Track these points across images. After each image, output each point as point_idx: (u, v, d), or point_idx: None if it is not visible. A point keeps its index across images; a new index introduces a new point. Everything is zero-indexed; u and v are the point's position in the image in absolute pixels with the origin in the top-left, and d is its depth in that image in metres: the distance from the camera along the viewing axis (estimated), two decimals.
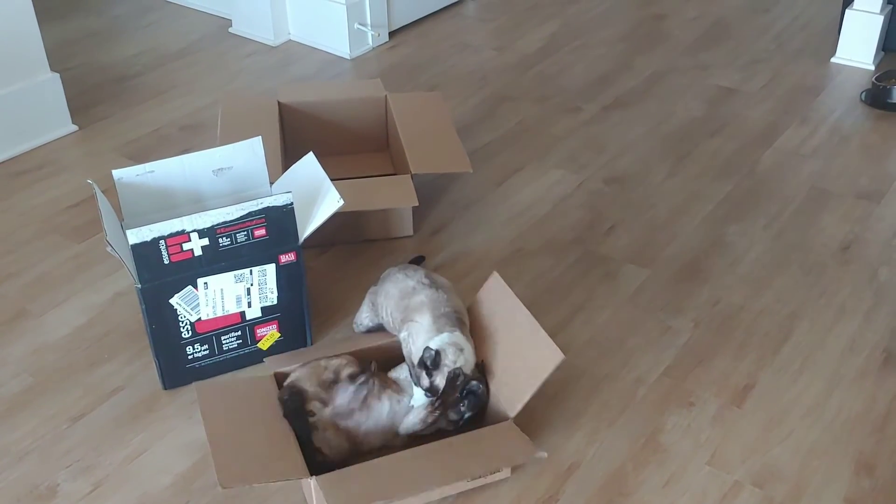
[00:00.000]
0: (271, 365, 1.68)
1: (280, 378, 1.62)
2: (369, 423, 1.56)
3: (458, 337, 1.57)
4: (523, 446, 1.50)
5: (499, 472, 1.52)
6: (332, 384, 1.57)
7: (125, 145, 2.58)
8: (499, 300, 1.68)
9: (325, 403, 1.55)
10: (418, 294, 1.65)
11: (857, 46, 2.95)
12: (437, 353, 1.53)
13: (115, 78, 2.98)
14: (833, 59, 3.01)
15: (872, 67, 2.93)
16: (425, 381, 1.54)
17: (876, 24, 2.89)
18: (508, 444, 1.50)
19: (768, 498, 1.52)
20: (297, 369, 1.61)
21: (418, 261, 2.02)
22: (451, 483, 1.44)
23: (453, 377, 1.53)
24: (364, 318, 1.78)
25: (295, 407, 1.53)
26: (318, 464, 1.47)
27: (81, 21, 3.40)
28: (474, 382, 1.57)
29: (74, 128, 2.65)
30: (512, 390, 1.57)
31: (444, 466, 1.45)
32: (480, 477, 1.48)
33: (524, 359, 1.58)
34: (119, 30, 3.35)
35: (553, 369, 1.52)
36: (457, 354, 1.55)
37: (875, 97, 2.73)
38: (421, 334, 1.59)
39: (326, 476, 1.41)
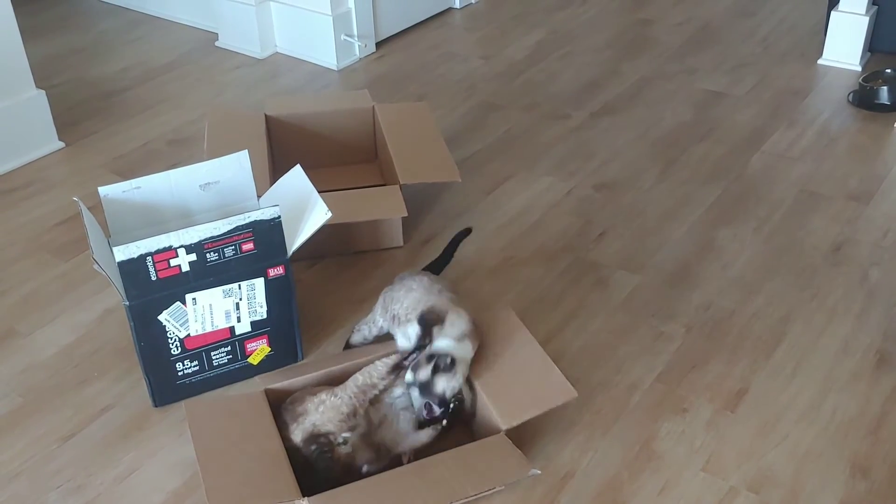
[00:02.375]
0: (263, 383, 1.66)
1: (272, 395, 1.61)
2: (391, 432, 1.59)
3: (469, 350, 1.59)
4: (516, 463, 1.49)
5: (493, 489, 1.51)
6: (353, 415, 1.54)
7: (112, 161, 2.57)
8: (509, 334, 1.67)
9: (352, 429, 1.53)
10: (443, 295, 1.66)
11: (843, 48, 2.96)
12: (454, 360, 1.54)
13: (102, 94, 2.97)
14: (820, 61, 3.01)
15: (859, 68, 2.94)
16: (424, 374, 1.53)
17: (862, 25, 2.90)
18: (501, 460, 1.49)
19: (764, 503, 1.51)
20: (310, 413, 1.54)
21: (467, 233, 1.99)
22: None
23: (460, 403, 1.57)
24: (378, 317, 1.74)
25: (326, 465, 1.49)
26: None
27: (67, 37, 3.40)
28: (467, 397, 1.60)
29: (61, 144, 2.64)
30: (509, 406, 1.55)
31: (437, 485, 1.43)
32: (474, 496, 1.47)
33: (532, 387, 1.58)
34: (105, 45, 3.34)
35: (562, 402, 1.54)
36: (465, 369, 1.58)
37: (862, 98, 2.74)
38: (446, 324, 1.60)
39: (318, 497, 1.39)
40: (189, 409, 1.55)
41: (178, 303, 1.64)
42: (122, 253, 1.55)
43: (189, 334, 1.69)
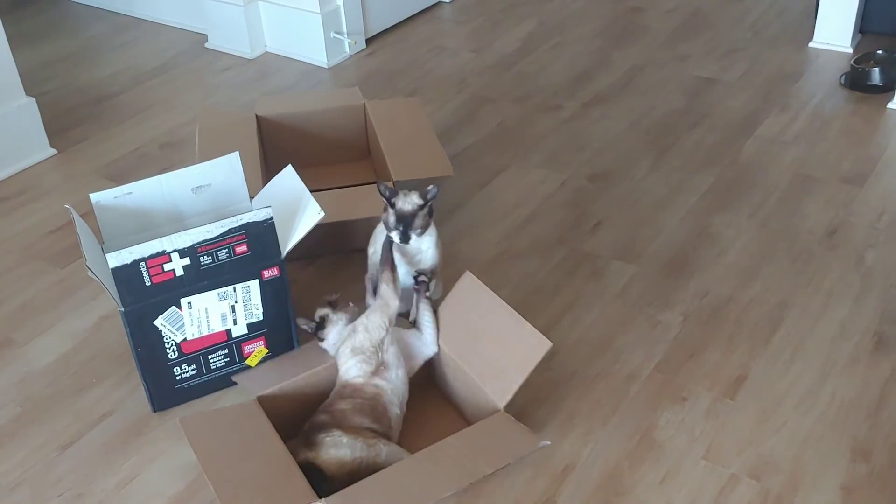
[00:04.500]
0: (251, 386, 1.66)
1: (266, 403, 1.60)
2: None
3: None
4: (525, 437, 1.49)
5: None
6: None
7: (105, 167, 2.57)
8: (474, 298, 1.67)
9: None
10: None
11: (834, 30, 2.95)
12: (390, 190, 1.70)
13: (92, 99, 2.96)
14: (811, 44, 3.01)
15: (850, 50, 2.93)
16: (395, 216, 1.68)
17: (852, 6, 2.89)
18: (509, 436, 1.50)
19: (765, 490, 1.51)
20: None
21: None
22: (463, 485, 1.42)
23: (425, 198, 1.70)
24: None
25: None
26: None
27: (55, 43, 3.38)
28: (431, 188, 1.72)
29: (53, 151, 2.63)
30: (499, 382, 1.56)
31: (452, 469, 1.43)
32: (492, 473, 1.46)
33: (510, 350, 1.58)
34: (94, 50, 3.33)
35: (541, 357, 1.52)
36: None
37: (854, 80, 2.73)
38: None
39: (335, 496, 1.39)
40: (186, 426, 1.53)
41: (173, 307, 1.64)
42: (116, 259, 1.54)
43: (186, 338, 1.68)
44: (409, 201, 1.69)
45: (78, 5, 3.72)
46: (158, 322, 1.64)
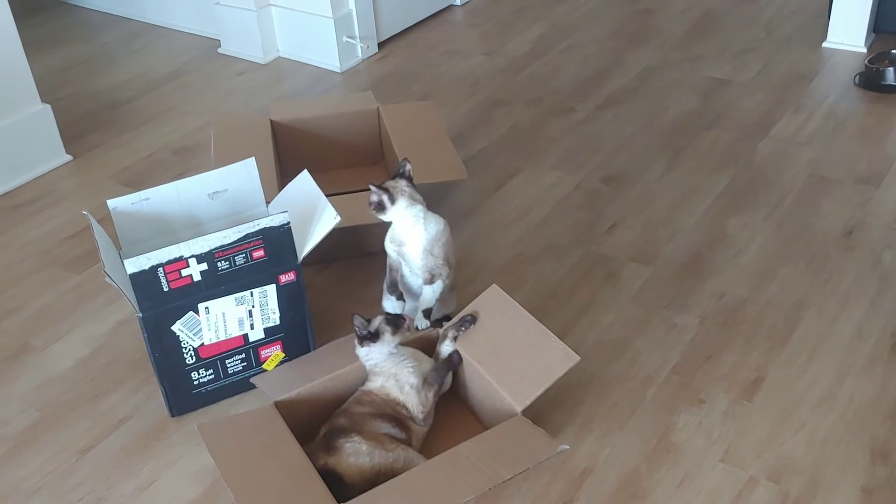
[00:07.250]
0: (261, 386, 1.66)
1: (283, 408, 1.60)
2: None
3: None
4: (543, 442, 1.49)
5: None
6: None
7: (120, 172, 2.58)
8: (500, 309, 1.67)
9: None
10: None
11: (847, 29, 2.94)
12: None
13: (107, 105, 2.97)
14: (824, 44, 2.99)
15: (864, 50, 2.92)
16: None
17: (866, 5, 2.88)
18: (527, 441, 1.50)
19: (784, 492, 1.50)
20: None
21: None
22: (483, 490, 1.42)
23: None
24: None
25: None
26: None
27: (70, 50, 3.40)
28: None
29: (69, 157, 2.65)
30: (519, 386, 1.56)
31: (471, 474, 1.42)
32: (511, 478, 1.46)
33: (534, 360, 1.58)
34: (108, 56, 3.35)
35: (567, 369, 1.53)
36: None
37: (869, 80, 2.72)
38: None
39: (354, 502, 1.39)
40: (203, 432, 1.54)
41: (190, 312, 1.65)
42: (134, 265, 1.55)
43: (203, 343, 1.69)
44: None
45: (91, 12, 3.74)
46: (176, 327, 1.65)
